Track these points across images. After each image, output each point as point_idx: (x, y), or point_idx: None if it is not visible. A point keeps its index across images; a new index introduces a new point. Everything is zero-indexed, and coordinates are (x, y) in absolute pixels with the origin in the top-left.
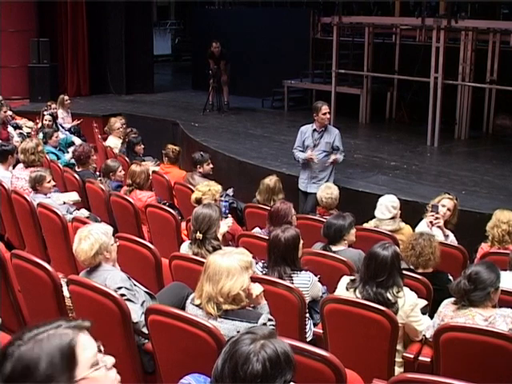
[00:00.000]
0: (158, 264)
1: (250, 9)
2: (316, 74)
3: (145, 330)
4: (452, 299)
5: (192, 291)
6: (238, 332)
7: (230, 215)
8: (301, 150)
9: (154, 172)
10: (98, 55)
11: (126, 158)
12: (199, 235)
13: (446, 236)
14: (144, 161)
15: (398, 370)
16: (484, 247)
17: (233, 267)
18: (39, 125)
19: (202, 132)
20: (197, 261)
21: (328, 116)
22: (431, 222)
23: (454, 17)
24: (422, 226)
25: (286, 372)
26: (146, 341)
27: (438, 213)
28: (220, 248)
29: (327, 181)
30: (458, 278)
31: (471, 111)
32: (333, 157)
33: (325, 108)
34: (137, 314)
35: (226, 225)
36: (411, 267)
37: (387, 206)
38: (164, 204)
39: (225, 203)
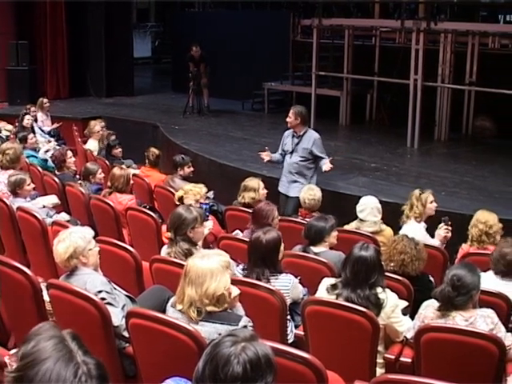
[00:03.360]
0: (139, 267)
1: (229, 11)
2: (296, 76)
3: (125, 334)
4: (434, 303)
5: (173, 294)
6: (220, 335)
7: (210, 218)
8: (280, 154)
9: (134, 175)
10: (77, 58)
11: (106, 161)
12: (169, 234)
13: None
14: (123, 163)
15: (379, 370)
16: (464, 248)
17: (215, 268)
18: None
19: (183, 135)
20: (177, 264)
21: (288, 119)
22: (445, 237)
23: (434, 19)
24: (410, 230)
25: (267, 374)
26: (127, 344)
27: (448, 224)
28: (190, 251)
29: (309, 183)
30: (442, 284)
31: (451, 113)
32: (324, 167)
33: (290, 111)
34: (117, 317)
35: (206, 228)
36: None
37: (378, 208)
38: (144, 207)
39: (205, 206)
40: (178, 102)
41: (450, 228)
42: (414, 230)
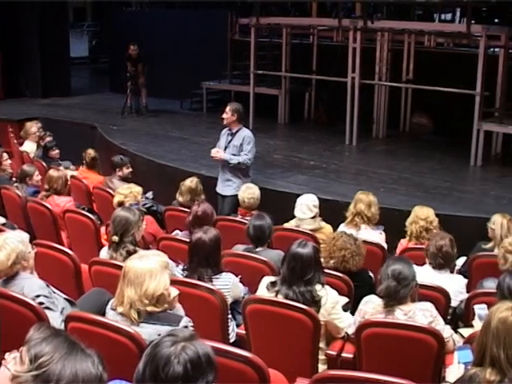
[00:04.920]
0: (78, 270)
1: (167, 10)
2: (234, 75)
3: None
4: (374, 298)
5: (112, 296)
6: (160, 335)
7: (148, 217)
8: None
9: (72, 177)
10: (12, 58)
11: (43, 163)
12: (115, 238)
13: None
14: (60, 165)
15: (321, 367)
16: (403, 243)
17: (154, 268)
18: None
19: (121, 135)
20: (116, 266)
21: (224, 116)
22: None
23: (370, 18)
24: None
25: (208, 373)
26: None
27: None
28: (136, 252)
29: (243, 183)
30: (383, 281)
31: (388, 110)
32: (222, 155)
33: (226, 108)
34: (56, 321)
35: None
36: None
37: (308, 205)
38: (83, 209)
39: (135, 206)
40: (115, 102)
41: None
42: (374, 237)
